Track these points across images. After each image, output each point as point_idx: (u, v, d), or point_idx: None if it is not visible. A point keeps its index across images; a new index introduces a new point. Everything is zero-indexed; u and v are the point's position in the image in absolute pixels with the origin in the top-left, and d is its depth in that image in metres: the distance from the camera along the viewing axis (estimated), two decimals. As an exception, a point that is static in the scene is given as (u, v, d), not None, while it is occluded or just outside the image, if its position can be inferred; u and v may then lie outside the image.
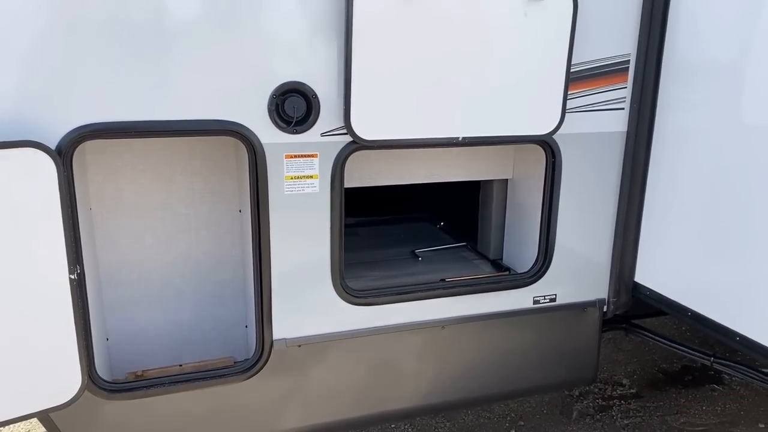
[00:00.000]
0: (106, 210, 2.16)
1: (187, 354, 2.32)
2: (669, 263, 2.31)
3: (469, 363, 2.36)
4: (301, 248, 2.03)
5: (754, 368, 2.52)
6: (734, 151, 2.07)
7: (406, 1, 1.88)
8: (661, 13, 2.21)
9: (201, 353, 2.34)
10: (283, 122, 1.90)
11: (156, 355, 2.30)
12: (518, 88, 2.08)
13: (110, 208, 2.16)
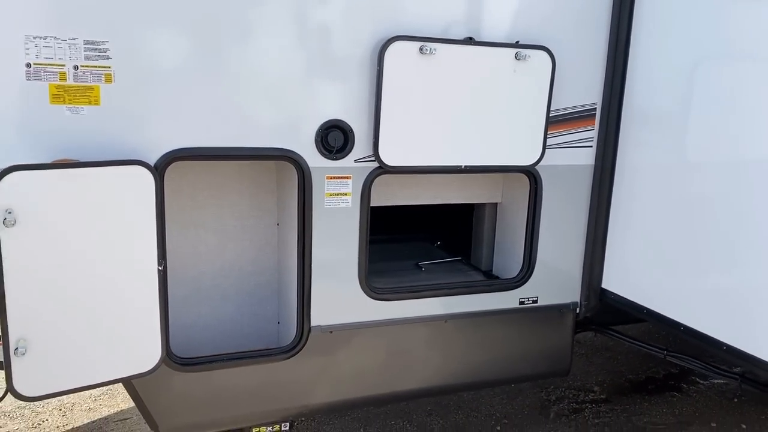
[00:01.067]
0: (171, 221, 2.61)
1: (228, 345, 2.75)
2: (629, 271, 2.84)
3: (466, 352, 2.85)
4: (335, 252, 2.52)
5: (701, 359, 3.04)
6: (679, 182, 2.62)
7: (423, 58, 2.43)
8: (621, 70, 2.79)
9: (239, 346, 2.78)
10: (326, 150, 2.41)
11: (201, 345, 2.73)
12: (508, 127, 2.63)
13: (174, 220, 2.61)
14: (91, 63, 2.05)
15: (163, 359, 2.27)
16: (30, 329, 2.00)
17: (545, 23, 2.61)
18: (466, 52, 2.48)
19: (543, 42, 2.60)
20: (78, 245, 2.05)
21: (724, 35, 2.38)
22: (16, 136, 2.01)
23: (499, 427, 3.80)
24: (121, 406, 3.91)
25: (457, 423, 3.83)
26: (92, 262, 2.08)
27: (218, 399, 2.48)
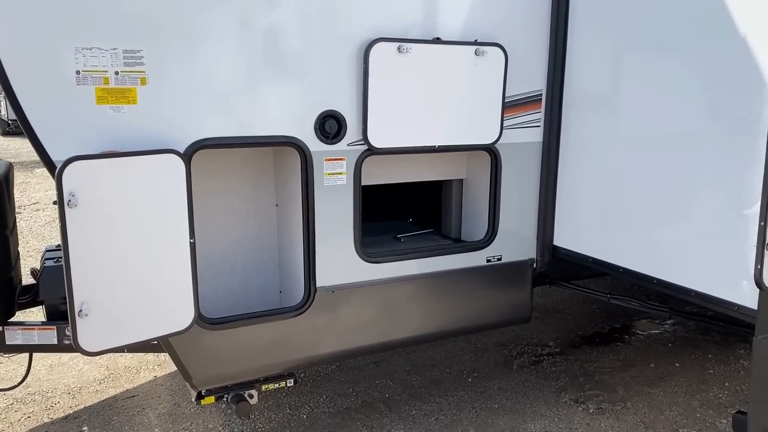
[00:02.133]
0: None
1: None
2: (575, 229, 3.41)
3: (445, 305, 3.35)
4: (334, 223, 2.97)
5: (638, 298, 3.64)
6: (611, 153, 3.19)
7: (400, 56, 2.91)
8: (561, 61, 3.34)
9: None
10: (324, 137, 2.86)
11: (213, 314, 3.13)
12: (472, 112, 3.14)
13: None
14: (128, 69, 2.45)
15: (195, 320, 2.67)
16: (90, 294, 2.38)
17: (498, 24, 3.14)
18: (435, 50, 2.98)
19: (497, 40, 3.13)
20: (125, 222, 2.43)
21: (642, 28, 2.96)
22: (70, 132, 2.38)
23: (470, 379, 4.33)
24: (126, 386, 4.25)
25: (434, 378, 4.34)
26: (136, 236, 2.47)
27: (240, 353, 2.90)
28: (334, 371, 4.44)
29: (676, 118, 2.80)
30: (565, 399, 4.05)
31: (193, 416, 3.85)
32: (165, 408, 3.95)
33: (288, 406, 3.96)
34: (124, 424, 3.76)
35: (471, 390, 4.17)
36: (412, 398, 4.06)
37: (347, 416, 3.84)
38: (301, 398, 4.05)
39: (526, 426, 3.73)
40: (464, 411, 3.90)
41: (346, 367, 4.50)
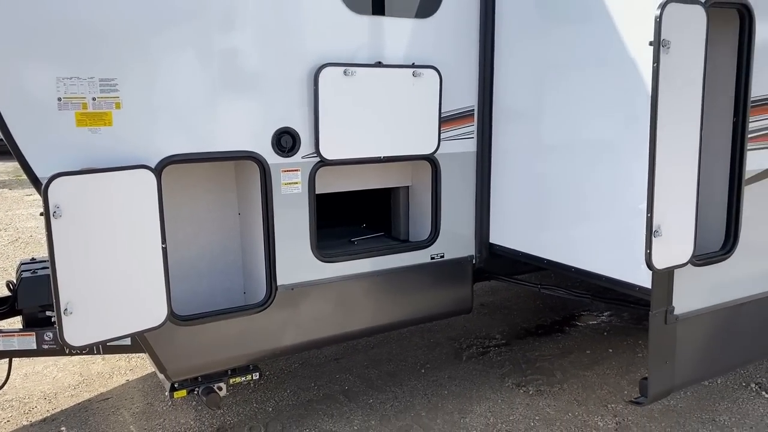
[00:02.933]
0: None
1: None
2: (507, 227, 3.84)
3: (394, 298, 3.73)
4: (292, 227, 3.33)
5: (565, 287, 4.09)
6: (535, 159, 3.64)
7: (347, 78, 3.30)
8: (489, 80, 3.77)
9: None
10: (280, 150, 3.23)
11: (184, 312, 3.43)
12: (412, 126, 3.54)
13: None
14: (104, 95, 2.78)
15: (168, 317, 2.99)
16: (74, 295, 2.68)
17: (433, 49, 3.56)
18: (377, 73, 3.39)
19: (432, 63, 3.55)
20: (104, 230, 2.75)
21: (554, 51, 3.42)
22: (54, 151, 2.69)
23: (423, 370, 4.71)
24: (100, 390, 4.50)
25: (390, 371, 4.71)
26: (114, 242, 2.78)
27: (209, 347, 3.22)
28: (297, 368, 4.78)
29: (584, 128, 3.26)
30: (508, 383, 4.46)
31: (166, 413, 4.14)
32: (138, 407, 4.22)
33: (254, 401, 4.28)
34: (101, 424, 4.02)
35: (423, 380, 4.55)
36: (370, 389, 4.42)
37: (310, 407, 4.18)
38: (266, 393, 4.37)
39: (472, 408, 4.13)
40: (417, 398, 4.28)
41: (308, 364, 4.84)
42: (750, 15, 2.92)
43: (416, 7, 3.53)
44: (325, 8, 3.23)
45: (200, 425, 3.98)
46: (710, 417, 3.96)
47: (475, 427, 3.90)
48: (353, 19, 3.31)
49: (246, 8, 3.05)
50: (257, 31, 3.09)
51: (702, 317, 3.07)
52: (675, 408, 4.08)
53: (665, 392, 3.08)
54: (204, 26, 2.96)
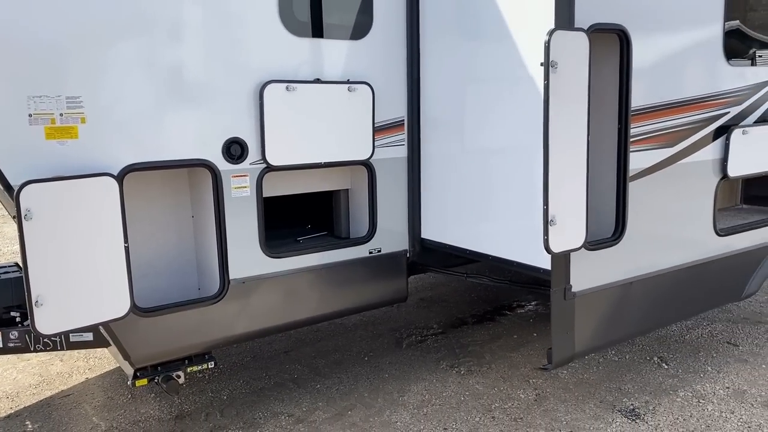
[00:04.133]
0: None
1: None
2: (435, 223, 4.32)
3: (337, 290, 4.16)
4: (242, 227, 3.72)
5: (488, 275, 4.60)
6: (456, 163, 4.13)
7: (289, 93, 3.72)
8: (416, 93, 4.25)
9: (172, 308, 3.85)
10: (230, 158, 3.62)
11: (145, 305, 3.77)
12: (349, 134, 3.98)
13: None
14: (70, 111, 3.12)
15: (131, 309, 3.33)
16: (44, 289, 3.00)
17: (366, 67, 4.02)
18: (316, 88, 3.82)
19: (366, 79, 4.00)
20: (71, 230, 3.08)
21: (470, 67, 3.93)
22: (25, 161, 3.02)
23: (367, 358, 5.15)
24: (60, 388, 4.76)
25: (336, 360, 5.13)
26: (81, 241, 3.11)
27: (169, 336, 3.57)
28: (248, 361, 5.14)
29: (495, 135, 3.77)
30: (443, 366, 4.94)
31: (126, 405, 4.44)
32: (100, 401, 4.51)
33: (210, 391, 4.62)
34: (64, 417, 4.30)
35: (367, 366, 4.99)
36: (317, 376, 4.83)
37: (262, 394, 4.56)
38: (221, 384, 4.73)
39: (410, 387, 4.58)
40: (360, 381, 4.71)
41: (259, 357, 5.21)
42: (627, 38, 3.49)
43: (350, 30, 3.98)
44: (268, 32, 3.65)
45: (160, 413, 4.30)
46: (617, 386, 4.53)
47: (412, 403, 4.36)
48: (294, 41, 3.74)
49: (196, 32, 3.44)
50: (208, 52, 3.48)
51: (597, 294, 3.61)
52: (587, 380, 4.63)
53: (567, 359, 3.60)
54: (159, 48, 3.34)
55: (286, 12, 3.70)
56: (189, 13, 3.42)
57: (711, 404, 4.23)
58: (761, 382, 4.52)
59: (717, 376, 4.63)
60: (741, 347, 5.15)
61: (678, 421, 4.03)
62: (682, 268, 4.03)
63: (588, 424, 4.03)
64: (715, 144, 4.04)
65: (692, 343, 5.25)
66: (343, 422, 4.13)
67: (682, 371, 4.72)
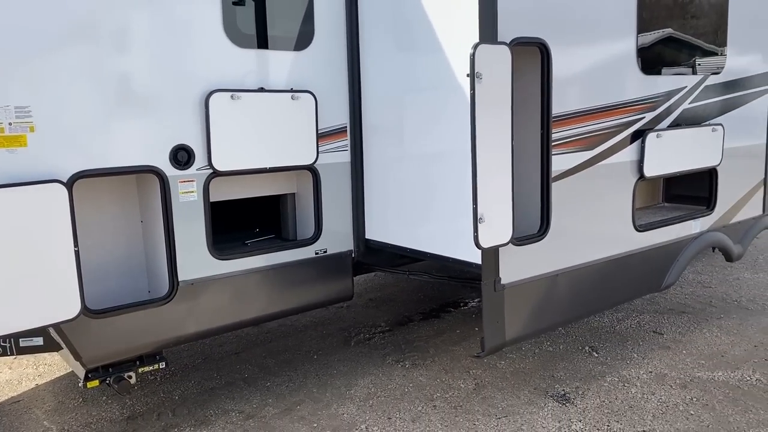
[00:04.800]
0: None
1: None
2: (378, 224, 4.56)
3: (285, 289, 4.34)
4: (189, 230, 3.87)
5: (429, 273, 4.86)
6: (395, 166, 4.38)
7: (233, 102, 3.90)
8: (358, 101, 4.49)
9: (122, 311, 3.97)
10: (177, 164, 3.78)
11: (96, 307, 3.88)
12: (293, 140, 4.18)
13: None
14: (19, 120, 3.23)
15: (82, 310, 3.45)
16: None
17: (310, 77, 4.22)
18: (260, 97, 4.01)
19: (309, 88, 4.21)
20: (23, 235, 3.19)
21: (406, 77, 4.18)
22: (-25, 169, 3.13)
23: (316, 356, 5.33)
24: (10, 394, 4.79)
25: (286, 359, 5.30)
26: (34, 245, 3.23)
27: (120, 336, 3.69)
28: (200, 363, 5.27)
29: (430, 140, 4.04)
30: (389, 361, 5.17)
31: (78, 408, 4.52)
32: (51, 406, 4.57)
33: (162, 392, 4.74)
34: (14, 422, 4.35)
35: (316, 364, 5.18)
36: (268, 374, 4.99)
37: (213, 393, 4.70)
38: (172, 385, 4.84)
39: (357, 382, 4.80)
40: (309, 378, 4.90)
41: (210, 358, 5.34)
42: (547, 50, 3.80)
43: (293, 42, 4.19)
44: (213, 44, 3.83)
45: (112, 415, 4.40)
46: (550, 374, 4.84)
47: (359, 396, 4.57)
48: (238, 52, 3.92)
49: (143, 42, 3.59)
50: (154, 62, 3.63)
51: (525, 285, 3.90)
52: (523, 369, 4.93)
53: (498, 346, 3.88)
54: (106, 58, 3.48)
55: (230, 25, 3.88)
56: (136, 24, 3.57)
57: (634, 387, 4.58)
58: (681, 366, 4.90)
59: (642, 362, 4.99)
60: (665, 335, 5.54)
61: (604, 403, 4.36)
62: (604, 261, 4.37)
63: (522, 408, 4.31)
64: (632, 147, 4.40)
65: (621, 333, 5.63)
66: (291, 416, 4.32)
67: (611, 359, 5.07)
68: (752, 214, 5.58)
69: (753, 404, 4.28)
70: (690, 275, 7.37)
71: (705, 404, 4.30)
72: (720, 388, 4.51)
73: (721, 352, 5.16)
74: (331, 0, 4.34)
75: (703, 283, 7.08)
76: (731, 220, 5.35)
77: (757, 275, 7.32)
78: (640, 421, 4.10)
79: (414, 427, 4.12)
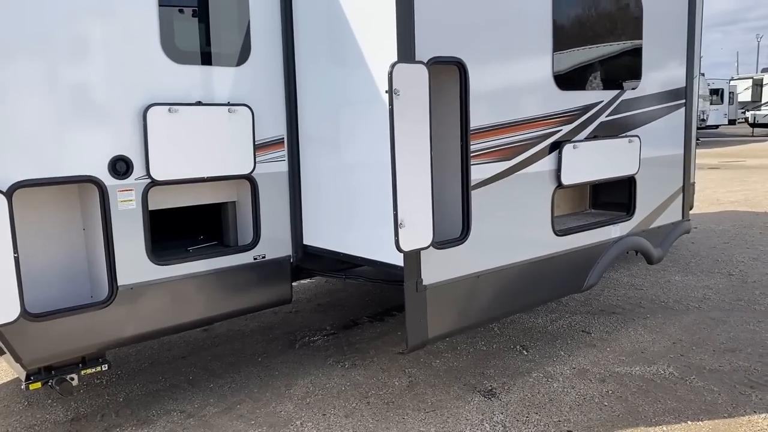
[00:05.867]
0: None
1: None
2: (314, 230, 4.80)
3: (223, 293, 4.55)
4: (128, 237, 4.06)
5: (365, 276, 5.12)
6: (331, 176, 4.63)
7: (171, 115, 4.11)
8: (294, 114, 4.74)
9: (65, 315, 4.14)
10: (116, 174, 3.97)
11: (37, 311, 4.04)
12: (231, 151, 4.40)
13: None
14: (-41, 131, 3.41)
15: (21, 314, 3.61)
16: (-65, 297, 3.27)
17: (246, 90, 4.46)
18: (198, 110, 4.23)
19: (245, 102, 4.45)
20: (-39, 243, 3.36)
21: (339, 90, 4.44)
22: None
23: (260, 359, 5.54)
24: (-44, 400, 4.89)
25: (231, 362, 5.49)
26: (-29, 252, 3.40)
27: (60, 339, 3.86)
28: (146, 366, 5.43)
29: (359, 150, 4.30)
30: (330, 362, 5.40)
31: (23, 411, 4.65)
32: (-6, 409, 4.69)
33: (107, 394, 4.89)
34: (-43, 426, 4.46)
35: (259, 366, 5.38)
36: (212, 376, 5.18)
37: (157, 395, 4.87)
38: (117, 388, 5.00)
39: (296, 382, 5.01)
40: (251, 379, 5.10)
41: (157, 362, 5.51)
42: (464, 68, 4.11)
43: (229, 58, 4.42)
44: (151, 59, 4.04)
45: (56, 417, 4.54)
46: (481, 371, 5.12)
47: (297, 395, 4.79)
48: (176, 68, 4.14)
49: (83, 56, 3.78)
50: (94, 76, 3.83)
51: (447, 286, 4.17)
52: (456, 367, 5.21)
53: (421, 344, 4.14)
54: (47, 70, 3.66)
55: (168, 41, 4.10)
56: (76, 37, 3.76)
57: (557, 382, 4.89)
58: (602, 362, 5.23)
59: (567, 359, 5.31)
60: (593, 334, 5.88)
61: (527, 397, 4.65)
62: (525, 263, 4.67)
63: (450, 403, 4.58)
64: (550, 157, 4.73)
65: (553, 332, 5.95)
66: (231, 415, 4.51)
67: (539, 356, 5.38)
68: (672, 219, 5.97)
69: (662, 395, 4.62)
70: (624, 278, 7.77)
71: (619, 396, 4.62)
72: (635, 382, 4.85)
73: (641, 348, 5.51)
74: (268, 17, 4.59)
75: (635, 285, 7.47)
76: (651, 225, 5.73)
77: (687, 278, 7.74)
78: (558, 413, 4.41)
79: (347, 422, 4.35)
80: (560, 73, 4.74)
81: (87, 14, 3.79)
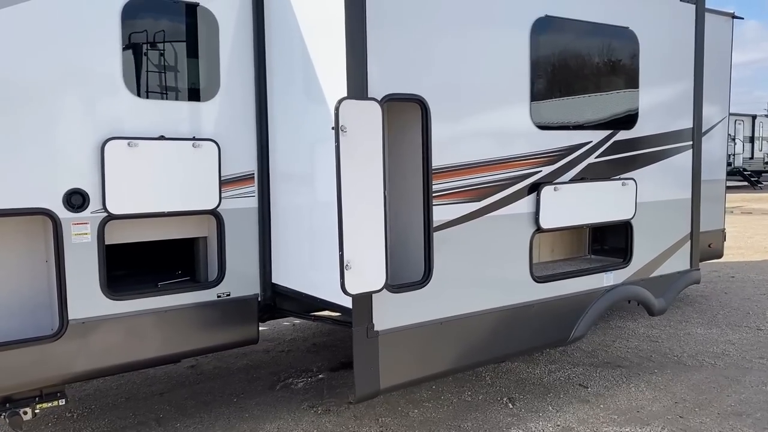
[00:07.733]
0: (-32, 262, 3.96)
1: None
2: (283, 269, 4.66)
3: (182, 331, 4.44)
4: (84, 271, 4.03)
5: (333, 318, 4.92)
6: (296, 213, 4.50)
7: (131, 149, 4.10)
8: (266, 150, 4.65)
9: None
10: (71, 207, 3.96)
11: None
12: (194, 186, 4.34)
13: (-31, 260, 3.95)
14: None
15: (-32, 345, 3.59)
16: None
17: (213, 125, 4.42)
18: (160, 144, 4.20)
19: (211, 137, 4.40)
20: None
21: (303, 126, 4.34)
22: None
23: (236, 399, 5.38)
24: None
25: (206, 401, 5.36)
26: None
27: (11, 370, 3.82)
28: (121, 402, 5.36)
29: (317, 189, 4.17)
30: (304, 406, 5.19)
31: (-16, 442, 4.62)
32: (-40, 439, 4.68)
33: (72, 429, 4.83)
34: None
35: (233, 407, 5.22)
36: (182, 416, 5.05)
37: None
38: (84, 423, 4.93)
39: (264, 426, 4.83)
40: (219, 421, 4.94)
41: (133, 398, 5.43)
42: (426, 107, 3.94)
43: (197, 93, 4.41)
44: (112, 93, 4.05)
45: (13, 450, 4.48)
46: (458, 424, 4.81)
47: (259, 440, 4.60)
48: (138, 102, 4.14)
49: (41, 88, 3.82)
50: (51, 108, 3.86)
51: (403, 332, 3.93)
52: (433, 419, 4.92)
53: (372, 394, 3.89)
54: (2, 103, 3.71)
55: (130, 76, 4.11)
56: (35, 70, 3.81)
57: (536, 440, 4.53)
58: (591, 420, 4.84)
59: (554, 415, 4.93)
60: (590, 389, 5.47)
61: (498, 455, 4.32)
62: (498, 310, 4.38)
63: (414, 458, 4.29)
64: (527, 199, 4.47)
65: (547, 385, 5.57)
66: (186, 458, 4.36)
67: (525, 411, 5.03)
68: (677, 268, 5.55)
69: (648, 462, 4.20)
70: (641, 329, 7.29)
71: (599, 460, 4.23)
72: (622, 444, 4.45)
73: (638, 407, 5.08)
74: (240, 52, 4.56)
75: (651, 337, 6.99)
76: (652, 273, 5.33)
77: (710, 330, 7.20)
78: (526, 476, 4.06)
79: (299, 473, 4.12)
80: (540, 111, 4.51)
81: (46, 47, 3.84)
